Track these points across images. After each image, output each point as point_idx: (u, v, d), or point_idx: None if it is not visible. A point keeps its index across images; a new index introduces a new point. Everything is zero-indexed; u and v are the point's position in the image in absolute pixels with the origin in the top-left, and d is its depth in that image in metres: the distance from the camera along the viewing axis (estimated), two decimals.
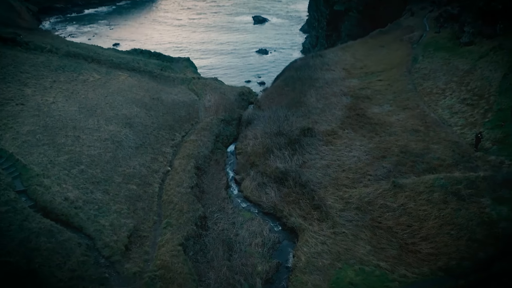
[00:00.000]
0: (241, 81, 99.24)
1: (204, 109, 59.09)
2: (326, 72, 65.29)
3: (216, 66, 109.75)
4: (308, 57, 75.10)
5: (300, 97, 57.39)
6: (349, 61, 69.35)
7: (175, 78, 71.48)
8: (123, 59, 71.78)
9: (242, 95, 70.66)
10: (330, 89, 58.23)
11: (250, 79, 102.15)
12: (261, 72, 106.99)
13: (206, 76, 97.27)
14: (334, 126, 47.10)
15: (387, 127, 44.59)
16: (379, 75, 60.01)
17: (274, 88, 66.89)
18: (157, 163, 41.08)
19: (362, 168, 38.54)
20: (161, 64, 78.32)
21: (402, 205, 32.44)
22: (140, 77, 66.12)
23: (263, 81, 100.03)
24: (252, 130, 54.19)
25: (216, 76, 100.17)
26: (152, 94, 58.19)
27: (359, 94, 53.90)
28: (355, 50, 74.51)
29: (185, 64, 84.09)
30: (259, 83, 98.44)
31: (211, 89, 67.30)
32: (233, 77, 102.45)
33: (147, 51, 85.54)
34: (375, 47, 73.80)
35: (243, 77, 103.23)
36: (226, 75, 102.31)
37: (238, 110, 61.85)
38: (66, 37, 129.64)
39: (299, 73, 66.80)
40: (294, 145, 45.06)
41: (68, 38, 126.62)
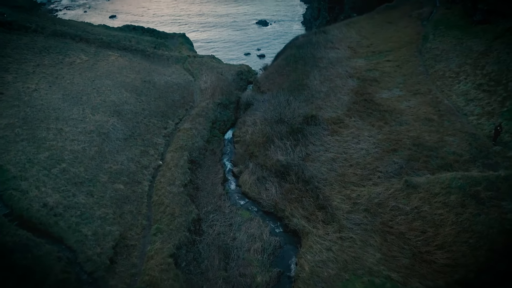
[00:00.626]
0: (241, 54, 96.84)
1: (200, 92, 55.30)
2: (330, 51, 61.10)
3: (215, 39, 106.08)
4: (310, 33, 70.59)
5: (302, 79, 53.56)
6: (355, 39, 65.03)
7: (169, 56, 67.36)
8: (114, 37, 67.45)
9: (241, 74, 66.88)
10: (335, 70, 54.31)
11: (250, 52, 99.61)
12: (261, 44, 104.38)
13: (205, 50, 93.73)
14: (340, 113, 43.62)
15: (398, 115, 41.16)
16: (387, 55, 55.89)
17: (275, 68, 62.79)
18: (147, 156, 37.85)
19: (371, 163, 35.31)
20: (155, 42, 73.91)
21: (415, 208, 29.53)
22: (132, 57, 62.01)
23: (263, 53, 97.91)
24: (251, 115, 50.75)
25: (215, 49, 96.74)
26: (143, 76, 54.28)
27: (366, 76, 50.08)
28: (360, 27, 70.01)
29: (180, 40, 79.61)
30: (259, 56, 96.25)
31: (207, 69, 63.33)
32: (233, 50, 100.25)
33: (140, 27, 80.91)
34: (382, 24, 69.28)
35: (243, 49, 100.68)
36: (225, 48, 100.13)
37: (236, 92, 58.26)
38: (61, 9, 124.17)
39: (301, 51, 62.61)
40: (296, 135, 41.75)
41: (63, 11, 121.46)
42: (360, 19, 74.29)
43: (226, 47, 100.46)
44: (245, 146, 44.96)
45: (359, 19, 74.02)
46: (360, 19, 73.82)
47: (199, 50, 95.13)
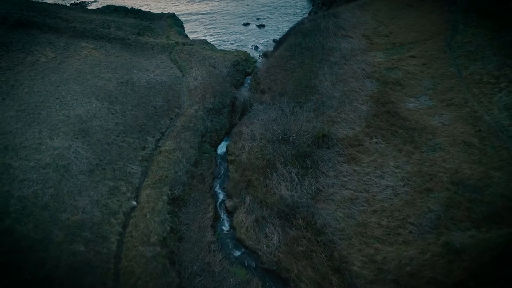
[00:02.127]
0: (239, 25, 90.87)
1: (188, 93, 47.33)
2: (342, 40, 52.42)
3: (213, 10, 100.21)
4: (318, 16, 61.51)
5: (310, 78, 45.48)
6: (370, 25, 56.10)
7: (154, 45, 58.70)
8: (91, 22, 58.73)
9: (237, 64, 58.63)
10: (349, 66, 46.03)
11: (249, 22, 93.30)
12: (261, 14, 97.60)
13: (202, 25, 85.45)
14: (358, 131, 35.92)
15: (429, 136, 33.56)
16: (411, 48, 47.47)
17: (276, 59, 54.45)
18: (117, 195, 30.46)
19: (399, 210, 27.96)
20: (139, 25, 65.02)
21: (459, 283, 22.08)
22: (110, 48, 53.42)
23: (263, 23, 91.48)
24: (248, 123, 43.17)
25: (213, 21, 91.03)
26: (120, 76, 46.12)
27: (387, 77, 42.25)
28: (376, 10, 60.91)
29: (168, 22, 70.55)
30: (258, 26, 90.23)
31: (198, 61, 54.97)
32: (231, 21, 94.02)
33: (122, 8, 71.66)
34: (401, 7, 60.23)
35: (242, 20, 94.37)
36: (224, 18, 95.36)
37: (231, 91, 50.90)
38: None
39: (307, 40, 54.02)
40: (304, 160, 34.29)
41: None
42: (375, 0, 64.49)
43: (224, 17, 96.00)
44: (241, 169, 37.38)
45: (373, 0, 64.19)
46: (375, 0, 64.01)
47: (195, 24, 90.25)
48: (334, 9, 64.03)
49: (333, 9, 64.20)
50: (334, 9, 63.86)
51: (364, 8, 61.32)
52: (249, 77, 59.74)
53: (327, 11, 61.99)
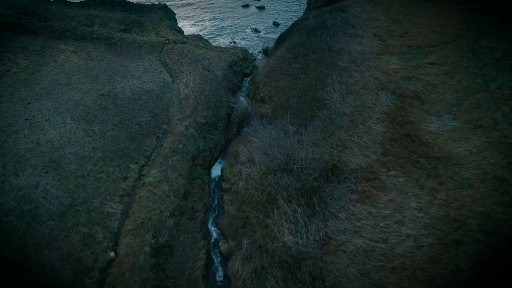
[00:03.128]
0: (238, 7, 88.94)
1: (178, 103, 42.84)
2: (352, 40, 47.59)
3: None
4: (324, 12, 55.88)
5: (316, 88, 41.12)
6: (383, 22, 51.03)
7: (142, 43, 53.62)
8: (72, 19, 53.87)
9: (234, 65, 53.90)
10: (360, 74, 41.42)
11: (249, 3, 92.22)
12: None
13: (201, 9, 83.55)
14: (373, 159, 31.60)
15: (455, 168, 29.41)
16: (429, 53, 42.77)
17: (278, 61, 49.67)
18: (92, 246, 26.31)
19: (423, 268, 24.09)
20: (126, 19, 59.79)
21: None
22: (92, 50, 48.58)
23: (262, 5, 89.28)
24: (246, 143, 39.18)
25: (211, 4, 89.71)
26: (101, 86, 41.56)
27: (404, 90, 38.07)
28: (389, 4, 55.77)
29: (159, 14, 65.17)
30: (258, 7, 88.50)
31: (190, 63, 50.20)
32: (230, 4, 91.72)
33: (109, 0, 65.36)
34: (417, 1, 55.30)
35: (241, 2, 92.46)
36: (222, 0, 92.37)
37: (226, 100, 46.35)
38: None
39: (312, 39, 49.11)
40: (311, 197, 30.17)
41: None
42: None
43: (223, 1, 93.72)
44: (237, 202, 33.21)
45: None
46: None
47: (193, 8, 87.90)
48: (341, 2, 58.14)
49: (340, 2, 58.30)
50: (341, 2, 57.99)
51: (375, 2, 56.05)
52: (247, 79, 54.85)
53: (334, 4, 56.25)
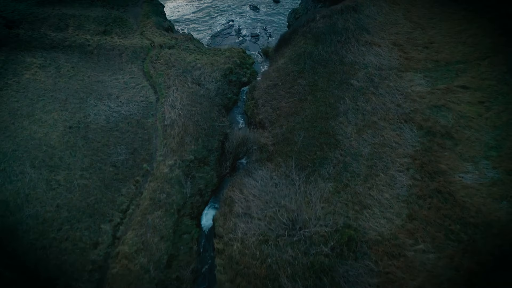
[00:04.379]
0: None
1: (163, 132, 36.95)
2: (367, 50, 41.33)
3: None
4: (334, 11, 48.65)
5: (326, 117, 35.62)
6: (403, 27, 44.28)
7: (123, 49, 47.16)
8: (43, 22, 48.13)
9: (230, 74, 48.44)
10: (379, 98, 35.39)
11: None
12: None
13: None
14: (397, 225, 26.32)
15: (496, 240, 23.71)
16: (460, 72, 36.72)
17: (280, 73, 43.93)
18: None
19: None
20: (107, 17, 53.01)
21: None
22: (63, 62, 42.80)
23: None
24: (242, 185, 33.57)
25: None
26: (71, 114, 35.72)
27: (432, 123, 32.56)
28: (410, 4, 48.83)
29: (145, 9, 58.17)
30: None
31: (178, 75, 44.47)
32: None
33: None
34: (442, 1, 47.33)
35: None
36: None
37: (219, 124, 40.64)
38: None
39: (321, 48, 42.79)
40: (321, 278, 25.22)
41: None
42: None
43: None
44: (232, 271, 28.06)
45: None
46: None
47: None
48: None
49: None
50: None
51: (393, 0, 48.34)
52: (245, 89, 48.19)
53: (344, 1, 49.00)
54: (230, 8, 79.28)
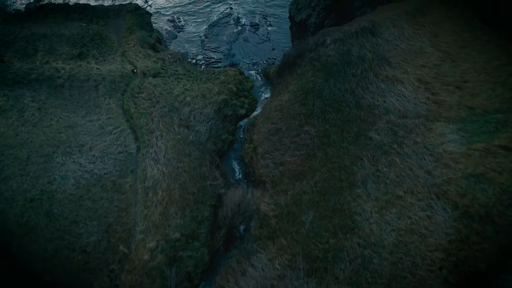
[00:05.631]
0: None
1: (143, 196, 31.93)
2: (388, 89, 36.81)
3: None
4: (348, 35, 42.91)
5: (341, 189, 31.14)
6: (429, 58, 39.00)
7: (100, 80, 42.33)
8: (8, 47, 43.74)
9: (225, 107, 43.57)
10: (404, 161, 30.98)
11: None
12: None
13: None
14: None
15: None
16: (501, 125, 32.80)
17: (284, 115, 39.64)
18: None
19: None
20: (84, 35, 47.92)
21: None
22: (29, 100, 39.90)
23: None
24: (238, 273, 27.79)
25: None
26: (33, 181, 32.24)
27: (470, 201, 28.81)
28: (436, 26, 43.10)
29: (128, 21, 52.58)
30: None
31: (163, 115, 40.25)
32: None
33: (62, 6, 52.31)
34: (474, 25, 42.43)
35: None
36: None
37: (211, 183, 34.36)
38: None
39: (333, 84, 38.08)
40: None
41: None
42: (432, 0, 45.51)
43: None
44: None
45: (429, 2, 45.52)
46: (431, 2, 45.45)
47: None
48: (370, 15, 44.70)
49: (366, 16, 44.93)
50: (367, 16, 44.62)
51: (416, 20, 42.97)
52: (242, 123, 42.94)
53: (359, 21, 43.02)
54: None
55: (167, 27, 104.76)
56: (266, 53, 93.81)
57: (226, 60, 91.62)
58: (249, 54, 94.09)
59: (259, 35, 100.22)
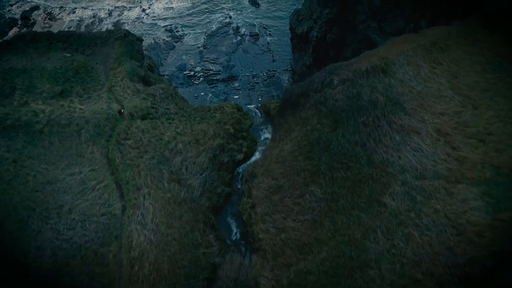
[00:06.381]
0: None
1: (129, 271, 29.39)
2: (404, 141, 34.76)
3: None
4: (358, 74, 40.13)
5: (351, 270, 29.47)
6: (449, 104, 36.51)
7: (83, 124, 40.23)
8: None
9: (221, 153, 40.73)
10: (423, 235, 29.82)
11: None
12: None
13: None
14: None
15: None
16: None
17: (286, 170, 37.15)
18: None
19: None
20: (67, 68, 46.01)
21: None
22: (5, 150, 38.21)
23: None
24: None
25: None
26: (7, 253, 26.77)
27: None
28: (455, 64, 40.42)
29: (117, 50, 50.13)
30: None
31: (151, 168, 37.81)
32: None
33: (45, 35, 49.53)
34: (497, 61, 39.57)
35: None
36: None
37: (205, 250, 33.16)
38: None
39: (341, 135, 35.98)
40: None
41: None
42: (450, 34, 42.74)
43: None
44: None
45: (447, 36, 42.51)
46: (449, 36, 42.38)
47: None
48: (382, 49, 41.85)
49: (377, 50, 42.10)
50: (379, 50, 41.82)
51: (433, 57, 40.27)
52: (240, 169, 40.36)
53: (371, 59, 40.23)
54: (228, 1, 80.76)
55: (164, 37, 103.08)
56: (266, 64, 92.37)
57: (225, 72, 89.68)
58: (249, 66, 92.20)
59: (259, 46, 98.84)
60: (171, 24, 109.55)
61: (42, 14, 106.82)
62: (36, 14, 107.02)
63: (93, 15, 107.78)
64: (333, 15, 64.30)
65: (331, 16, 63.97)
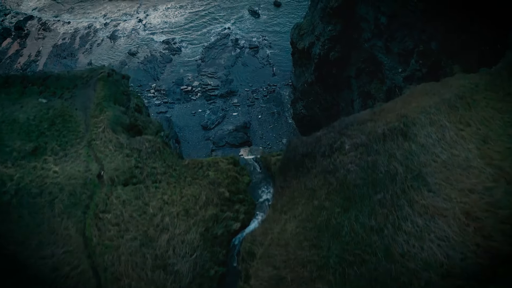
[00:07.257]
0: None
1: None
2: (427, 227, 31.79)
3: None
4: (372, 138, 36.10)
5: None
6: (479, 177, 33.32)
7: (56, 192, 37.92)
8: None
9: (214, 225, 37.08)
10: None
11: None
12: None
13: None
14: None
15: None
16: None
17: (289, 258, 34.18)
18: None
19: None
20: (43, 117, 43.65)
21: None
22: None
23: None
24: None
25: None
26: None
27: None
28: (485, 124, 37.09)
29: (99, 93, 46.19)
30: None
31: (133, 252, 34.48)
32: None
33: (18, 77, 45.54)
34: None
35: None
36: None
37: None
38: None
39: (353, 218, 32.68)
40: None
41: None
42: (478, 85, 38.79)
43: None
44: None
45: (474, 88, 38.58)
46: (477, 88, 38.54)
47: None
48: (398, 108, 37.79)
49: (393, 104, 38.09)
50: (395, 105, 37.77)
51: (460, 115, 36.47)
52: (237, 241, 36.70)
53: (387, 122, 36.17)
54: (227, 11, 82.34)
55: (161, 50, 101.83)
56: (266, 78, 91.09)
57: (223, 87, 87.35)
58: (248, 80, 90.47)
59: (259, 59, 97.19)
60: (168, 36, 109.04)
61: (36, 25, 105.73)
62: (31, 25, 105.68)
63: (88, 26, 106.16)
64: (336, 32, 62.07)
65: (334, 34, 61.55)
